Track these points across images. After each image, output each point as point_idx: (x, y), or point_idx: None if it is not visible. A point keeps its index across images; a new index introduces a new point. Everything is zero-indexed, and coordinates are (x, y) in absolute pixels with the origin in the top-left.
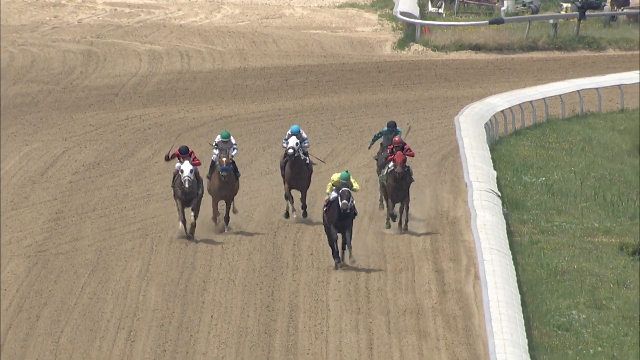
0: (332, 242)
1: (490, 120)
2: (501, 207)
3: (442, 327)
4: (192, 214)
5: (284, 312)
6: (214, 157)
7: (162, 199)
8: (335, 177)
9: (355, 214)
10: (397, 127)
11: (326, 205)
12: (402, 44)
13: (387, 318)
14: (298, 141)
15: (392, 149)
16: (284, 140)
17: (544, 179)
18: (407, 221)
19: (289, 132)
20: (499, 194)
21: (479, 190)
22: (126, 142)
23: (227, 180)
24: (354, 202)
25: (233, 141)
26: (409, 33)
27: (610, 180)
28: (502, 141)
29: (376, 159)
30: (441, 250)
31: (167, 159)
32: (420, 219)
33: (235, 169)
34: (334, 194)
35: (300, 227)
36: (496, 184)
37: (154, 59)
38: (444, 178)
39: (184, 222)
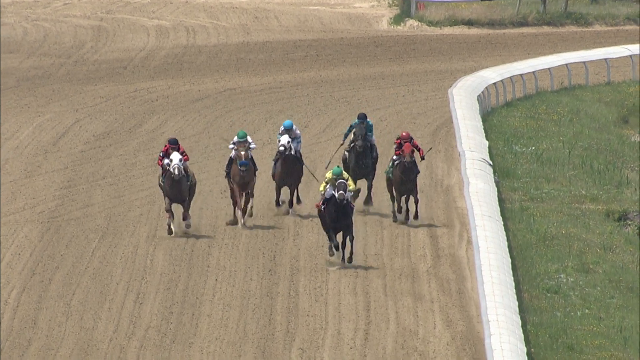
0: (329, 233)
1: (482, 92)
2: (493, 175)
3: (436, 290)
4: (183, 208)
5: (285, 275)
6: (232, 154)
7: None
8: (328, 175)
9: (353, 208)
10: (368, 119)
11: (323, 204)
12: (398, 20)
13: (383, 281)
14: (290, 139)
15: (399, 142)
16: (277, 135)
17: (533, 148)
18: (417, 212)
19: (282, 127)
20: (491, 162)
21: (471, 159)
22: (134, 113)
23: (246, 174)
24: (351, 195)
25: (250, 140)
26: (405, 9)
27: (597, 149)
28: (493, 112)
29: (347, 151)
30: (435, 216)
31: (164, 171)
32: None
33: (253, 163)
34: (329, 191)
35: (300, 194)
36: (488, 153)
37: (161, 34)
38: (438, 147)
39: (172, 218)
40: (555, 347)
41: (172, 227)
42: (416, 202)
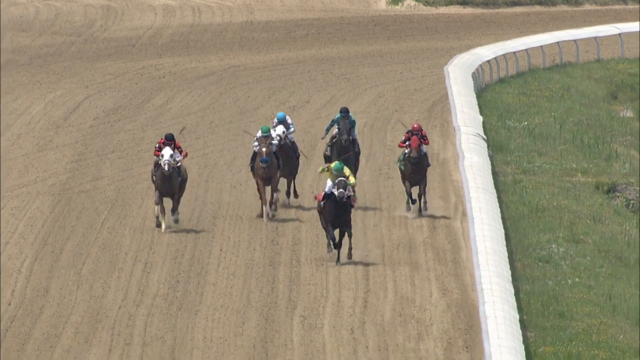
0: (328, 230)
1: (476, 69)
2: (487, 149)
3: (433, 260)
4: (172, 202)
5: (287, 245)
6: (255, 149)
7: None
8: (331, 167)
9: (353, 206)
10: (350, 115)
11: (322, 200)
12: (396, 0)
13: (382, 251)
14: (285, 129)
15: (408, 135)
16: (272, 128)
17: (526, 123)
18: (425, 202)
19: (275, 119)
20: (485, 137)
21: (466, 134)
22: (142, 89)
23: (268, 171)
24: (351, 193)
25: (273, 134)
26: None
27: (587, 124)
28: (487, 89)
29: (329, 145)
30: (432, 189)
31: (155, 165)
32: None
33: (277, 157)
34: (329, 186)
35: (302, 169)
36: (482, 128)
37: (167, 13)
38: (434, 123)
39: (162, 212)
40: (547, 314)
41: (162, 221)
42: (423, 193)
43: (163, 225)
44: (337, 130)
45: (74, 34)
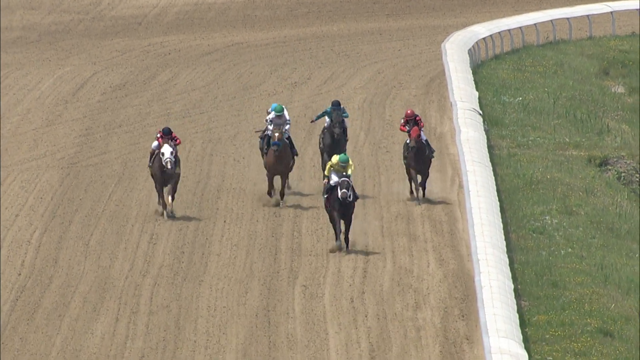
0: (334, 223)
1: (472, 46)
2: (482, 124)
3: (430, 231)
4: (169, 196)
5: (289, 217)
6: (268, 132)
7: (182, 115)
8: (334, 159)
9: (357, 198)
10: (342, 106)
11: (326, 193)
12: None
13: (380, 223)
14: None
15: (406, 121)
16: (266, 121)
17: (520, 98)
18: (424, 188)
19: (271, 110)
20: (481, 112)
21: (462, 108)
22: (148, 66)
23: (280, 155)
24: (353, 188)
25: (287, 115)
26: None
27: (580, 99)
28: (483, 65)
29: (322, 137)
30: None
31: (152, 156)
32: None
33: (291, 146)
34: (334, 178)
35: (302, 145)
36: (478, 103)
37: None
38: (431, 98)
39: (163, 205)
40: (541, 284)
41: (163, 210)
42: (424, 180)
43: (165, 213)
44: (327, 121)
45: (82, 12)
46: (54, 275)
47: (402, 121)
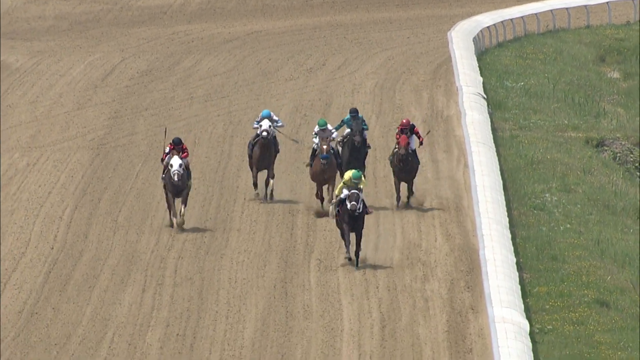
0: (344, 237)
1: (477, 34)
2: (486, 107)
3: (437, 208)
4: (182, 205)
5: (305, 195)
6: (314, 145)
7: (204, 99)
8: (347, 176)
9: (367, 212)
10: (359, 114)
11: (338, 205)
12: None
13: (391, 200)
14: (271, 124)
15: (401, 129)
16: (255, 122)
17: (522, 83)
18: (410, 195)
19: (261, 115)
20: (485, 96)
21: (468, 93)
22: (173, 53)
23: (326, 168)
24: (364, 202)
25: (330, 127)
26: None
27: (578, 84)
28: (487, 52)
29: (341, 146)
30: (436, 143)
31: (163, 160)
32: (419, 117)
33: (335, 156)
34: (345, 192)
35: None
36: (482, 88)
37: None
38: (438, 83)
39: (175, 216)
40: (541, 258)
41: (174, 221)
42: (410, 191)
43: (175, 223)
44: (348, 130)
45: (110, 2)
46: (85, 249)
47: (397, 130)
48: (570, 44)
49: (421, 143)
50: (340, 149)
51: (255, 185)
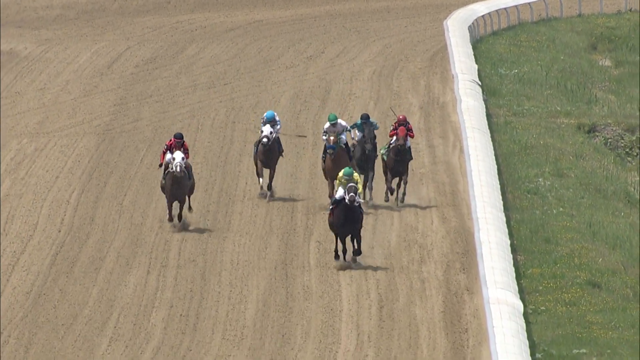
0: (337, 239)
1: (472, 23)
2: (481, 94)
3: (433, 192)
4: (180, 205)
5: (305, 179)
6: (324, 141)
7: (207, 86)
8: (340, 174)
9: (362, 213)
10: (371, 119)
11: (332, 205)
12: None
13: (388, 184)
14: (272, 130)
15: (396, 125)
16: (261, 124)
17: (516, 71)
18: (404, 194)
19: (265, 116)
20: (480, 83)
21: (463, 80)
22: (177, 41)
23: (337, 159)
24: (360, 200)
25: (343, 123)
26: None
27: (570, 72)
28: (482, 40)
29: (353, 147)
30: (432, 129)
31: (161, 164)
32: (416, 103)
33: (347, 150)
34: (340, 192)
35: (318, 113)
36: (477, 75)
37: None
38: (435, 70)
39: (171, 220)
40: (535, 240)
41: (173, 219)
42: (404, 183)
43: (174, 221)
44: (359, 135)
45: None
46: (91, 232)
47: (392, 126)
48: (563, 33)
49: (412, 137)
50: (353, 149)
51: (258, 176)
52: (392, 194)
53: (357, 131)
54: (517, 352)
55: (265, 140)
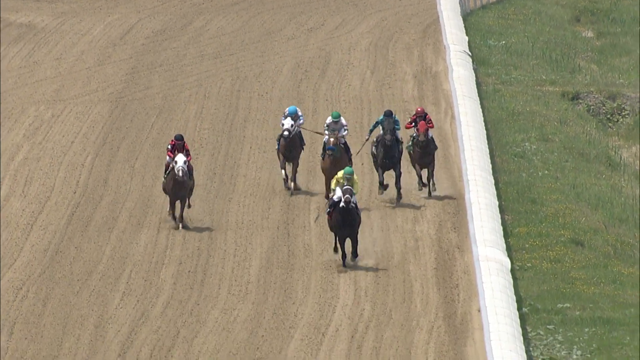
0: (336, 244)
1: None
2: (471, 63)
3: None
4: (181, 209)
5: (307, 144)
6: (325, 138)
7: (214, 56)
8: (340, 173)
9: (359, 215)
10: (394, 115)
11: (330, 207)
12: None
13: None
14: (293, 122)
15: (414, 118)
16: (282, 117)
17: (504, 42)
18: (434, 184)
19: (287, 111)
20: (470, 53)
21: (454, 50)
22: (185, 13)
23: (336, 160)
24: (356, 205)
25: (343, 122)
26: None
27: (555, 43)
28: (472, 13)
29: (375, 145)
30: (426, 96)
31: (167, 170)
32: (410, 72)
33: (346, 150)
34: (338, 193)
35: (319, 89)
36: (468, 46)
37: None
38: (428, 41)
39: (174, 218)
40: (522, 201)
41: (174, 218)
42: (431, 176)
43: (176, 220)
44: (381, 132)
45: None
46: (104, 193)
47: (410, 118)
48: (548, 6)
49: (431, 127)
50: (374, 148)
51: (283, 168)
52: (425, 186)
53: (380, 127)
54: (504, 307)
55: (286, 133)
